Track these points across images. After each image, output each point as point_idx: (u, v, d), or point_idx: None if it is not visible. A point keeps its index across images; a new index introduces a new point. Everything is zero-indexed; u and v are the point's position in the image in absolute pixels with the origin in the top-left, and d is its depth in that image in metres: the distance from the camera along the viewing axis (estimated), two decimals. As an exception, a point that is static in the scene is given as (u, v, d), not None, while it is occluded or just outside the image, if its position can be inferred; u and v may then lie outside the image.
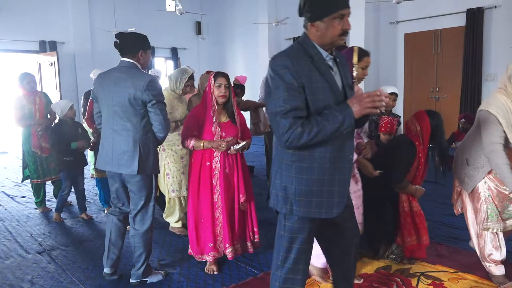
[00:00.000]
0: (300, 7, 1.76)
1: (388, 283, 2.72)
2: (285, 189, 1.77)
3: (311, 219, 1.79)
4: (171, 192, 3.57)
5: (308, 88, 1.66)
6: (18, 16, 9.02)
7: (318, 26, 1.70)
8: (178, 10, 7.75)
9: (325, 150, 1.71)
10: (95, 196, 4.91)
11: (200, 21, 11.75)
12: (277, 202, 1.81)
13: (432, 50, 7.85)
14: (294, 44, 1.79)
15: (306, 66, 1.67)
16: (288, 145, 1.66)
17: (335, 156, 1.73)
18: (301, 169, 1.73)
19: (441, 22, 7.63)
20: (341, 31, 1.69)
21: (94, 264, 3.14)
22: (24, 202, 4.97)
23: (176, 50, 11.47)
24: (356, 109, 1.63)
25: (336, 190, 1.75)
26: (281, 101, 1.64)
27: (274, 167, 1.84)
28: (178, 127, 3.55)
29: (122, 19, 9.66)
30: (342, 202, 1.78)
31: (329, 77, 1.72)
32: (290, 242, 1.81)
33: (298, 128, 1.62)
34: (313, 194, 1.73)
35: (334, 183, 1.74)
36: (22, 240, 3.69)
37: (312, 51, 1.72)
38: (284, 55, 1.70)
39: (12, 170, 6.91)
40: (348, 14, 1.70)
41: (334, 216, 1.78)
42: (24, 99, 4.29)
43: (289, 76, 1.64)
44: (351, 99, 1.67)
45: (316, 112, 1.66)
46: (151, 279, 2.82)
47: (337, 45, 1.75)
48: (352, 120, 1.63)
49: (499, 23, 6.92)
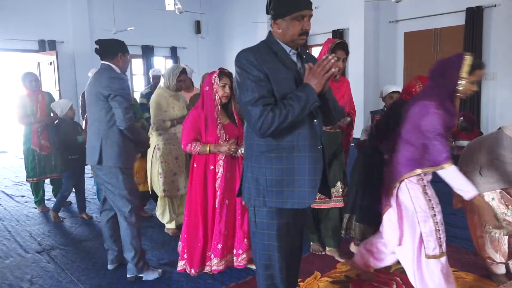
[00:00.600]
0: (267, 5, 1.83)
1: (388, 282, 2.72)
2: (257, 180, 1.82)
3: (279, 214, 1.82)
4: (162, 191, 3.56)
5: (272, 79, 1.74)
6: (17, 15, 9.01)
7: (280, 24, 1.79)
8: (178, 9, 7.74)
9: (293, 139, 1.77)
10: (95, 196, 4.91)
11: (200, 20, 11.74)
12: (250, 196, 1.86)
13: (432, 49, 7.84)
14: (259, 42, 1.87)
15: (270, 60, 1.77)
16: (262, 132, 1.71)
17: (304, 145, 1.78)
18: (270, 159, 1.78)
19: (440, 20, 7.63)
20: (301, 31, 1.77)
21: (94, 264, 3.13)
22: (23, 201, 4.96)
23: (176, 49, 11.46)
24: (314, 83, 1.70)
25: (307, 179, 1.79)
26: (249, 92, 1.72)
27: (245, 161, 1.90)
28: (175, 126, 3.54)
29: (121, 18, 9.65)
30: (313, 193, 1.81)
31: (293, 69, 1.81)
32: (261, 239, 1.86)
33: (269, 113, 1.68)
34: (284, 184, 1.78)
35: (304, 172, 1.78)
36: (22, 240, 3.69)
37: (276, 47, 1.81)
38: (247, 51, 1.79)
39: (12, 170, 6.90)
40: (310, 16, 1.78)
41: (307, 206, 1.82)
42: (26, 98, 4.30)
43: (254, 69, 1.73)
44: (306, 77, 1.74)
45: (281, 99, 1.74)
46: (146, 276, 2.84)
47: (298, 44, 1.84)
48: (315, 95, 1.70)
49: (499, 21, 6.92)
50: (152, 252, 3.34)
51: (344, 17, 8.82)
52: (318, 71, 1.70)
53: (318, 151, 1.82)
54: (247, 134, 1.87)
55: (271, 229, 1.83)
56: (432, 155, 2.10)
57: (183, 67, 3.66)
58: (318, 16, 9.49)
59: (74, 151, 4.07)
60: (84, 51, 9.83)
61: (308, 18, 1.78)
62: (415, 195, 2.21)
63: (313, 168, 1.80)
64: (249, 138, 1.86)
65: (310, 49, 9.85)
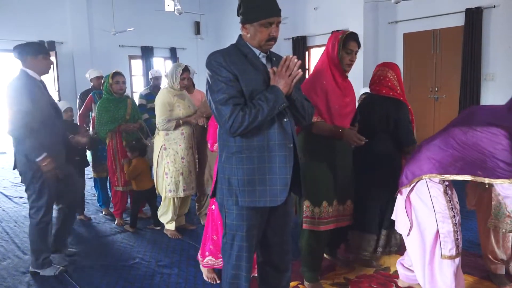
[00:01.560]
0: (237, 8, 1.86)
1: (387, 283, 2.71)
2: (229, 181, 1.85)
3: (249, 216, 1.86)
4: (167, 192, 3.55)
5: (242, 79, 1.78)
6: (16, 15, 9.00)
7: (248, 28, 1.83)
8: (177, 10, 7.73)
9: (263, 139, 1.81)
10: (93, 197, 4.90)
11: (199, 21, 11.73)
12: (222, 196, 1.90)
13: (431, 50, 7.84)
14: (229, 45, 1.91)
15: (239, 61, 1.81)
16: (233, 130, 1.75)
17: (274, 144, 1.82)
18: (241, 160, 1.82)
19: (440, 21, 7.62)
20: (268, 37, 1.81)
21: (91, 266, 3.12)
22: (22, 202, 4.95)
23: (175, 50, 11.45)
24: (282, 84, 1.76)
25: (278, 178, 1.83)
26: (220, 92, 1.76)
27: (218, 162, 1.94)
28: (181, 125, 3.52)
29: (121, 19, 9.64)
30: (285, 190, 1.84)
31: (263, 70, 1.84)
32: (231, 239, 1.90)
33: (239, 113, 1.73)
34: (256, 182, 1.82)
35: (275, 171, 1.82)
36: (20, 241, 3.67)
37: (245, 49, 1.86)
38: (216, 53, 1.83)
39: (10, 171, 6.88)
40: (278, 22, 1.82)
41: (278, 203, 1.85)
42: None
43: (223, 70, 1.77)
44: (273, 79, 1.79)
45: (251, 100, 1.78)
46: (43, 272, 2.95)
47: (266, 49, 1.87)
48: (282, 96, 1.76)
49: (498, 22, 6.92)
50: (150, 254, 3.32)
51: (343, 18, 8.81)
52: (283, 72, 1.76)
53: (289, 149, 1.85)
54: (219, 135, 1.92)
55: (241, 230, 1.87)
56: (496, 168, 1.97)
57: (186, 65, 3.66)
58: (317, 17, 9.51)
59: (74, 153, 4.03)
60: (83, 51, 9.81)
61: (276, 25, 1.82)
62: (435, 194, 2.17)
63: (284, 166, 1.83)
64: (221, 139, 1.90)
65: (309, 50, 9.85)
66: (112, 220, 4.18)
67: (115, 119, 3.85)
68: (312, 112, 2.04)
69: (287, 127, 1.86)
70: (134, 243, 3.57)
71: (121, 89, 3.85)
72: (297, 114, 1.93)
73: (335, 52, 2.48)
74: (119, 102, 3.89)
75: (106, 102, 3.86)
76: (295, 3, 9.32)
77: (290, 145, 1.85)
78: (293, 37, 9.76)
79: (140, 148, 3.79)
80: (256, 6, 1.78)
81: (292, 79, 1.77)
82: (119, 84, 3.82)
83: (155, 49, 11.04)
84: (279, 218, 2.00)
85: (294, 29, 9.45)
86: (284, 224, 2.04)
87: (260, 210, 1.88)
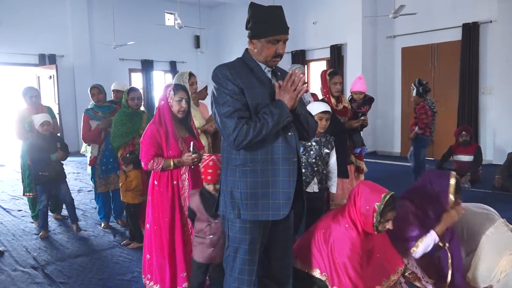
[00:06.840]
0: (246, 22, 1.87)
1: None
2: (231, 193, 1.85)
3: (252, 229, 1.85)
4: None
5: (247, 92, 1.79)
6: (17, 29, 9.08)
7: (255, 44, 1.84)
8: (177, 24, 7.82)
9: (267, 152, 1.81)
10: (93, 210, 4.87)
11: (199, 35, 11.86)
12: (225, 208, 1.89)
13: (429, 64, 7.91)
14: (235, 59, 1.92)
15: (245, 74, 1.81)
16: (237, 144, 1.75)
17: (278, 158, 1.82)
18: (245, 173, 1.82)
19: (437, 36, 7.71)
20: (275, 54, 1.83)
21: (90, 280, 3.09)
22: (20, 215, 4.92)
23: (175, 63, 11.54)
24: (287, 99, 1.78)
25: (281, 192, 1.83)
26: (225, 105, 1.77)
27: (222, 175, 1.95)
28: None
29: (121, 33, 9.73)
30: (288, 204, 1.84)
31: (268, 85, 1.86)
32: (234, 251, 1.90)
33: (244, 126, 1.73)
34: (259, 196, 1.81)
35: (278, 185, 1.82)
36: (17, 255, 3.64)
37: (251, 63, 1.87)
38: (223, 66, 1.85)
39: (9, 184, 6.86)
40: (285, 40, 1.84)
41: (281, 217, 1.84)
42: (26, 112, 4.29)
43: (229, 83, 1.78)
44: (278, 93, 1.81)
45: (256, 113, 1.80)
46: None
47: (272, 65, 1.89)
48: (287, 110, 1.77)
49: (495, 37, 7.00)
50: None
51: (342, 33, 8.91)
52: (288, 87, 1.78)
53: (293, 164, 1.86)
54: (223, 148, 1.92)
55: (244, 243, 1.87)
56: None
57: (189, 70, 3.68)
58: (316, 31, 9.61)
59: (44, 168, 3.98)
60: (84, 65, 9.89)
61: (283, 42, 1.83)
62: None
63: (287, 180, 1.83)
64: (225, 152, 1.90)
65: (308, 64, 9.93)
66: (111, 234, 4.16)
67: (130, 132, 3.94)
68: (315, 127, 2.05)
69: (291, 141, 1.86)
70: (133, 257, 3.54)
71: (137, 105, 3.98)
72: (301, 129, 1.94)
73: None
74: (135, 116, 3.99)
75: (122, 115, 3.96)
76: (294, 17, 9.44)
77: (294, 159, 1.86)
78: (292, 51, 9.85)
79: (133, 161, 3.77)
80: (265, 22, 1.79)
81: (297, 93, 1.78)
82: (134, 101, 3.94)
83: (155, 62, 11.12)
84: (281, 232, 1.99)
85: (293, 43, 9.54)
86: (286, 238, 2.03)
87: (263, 223, 1.88)
